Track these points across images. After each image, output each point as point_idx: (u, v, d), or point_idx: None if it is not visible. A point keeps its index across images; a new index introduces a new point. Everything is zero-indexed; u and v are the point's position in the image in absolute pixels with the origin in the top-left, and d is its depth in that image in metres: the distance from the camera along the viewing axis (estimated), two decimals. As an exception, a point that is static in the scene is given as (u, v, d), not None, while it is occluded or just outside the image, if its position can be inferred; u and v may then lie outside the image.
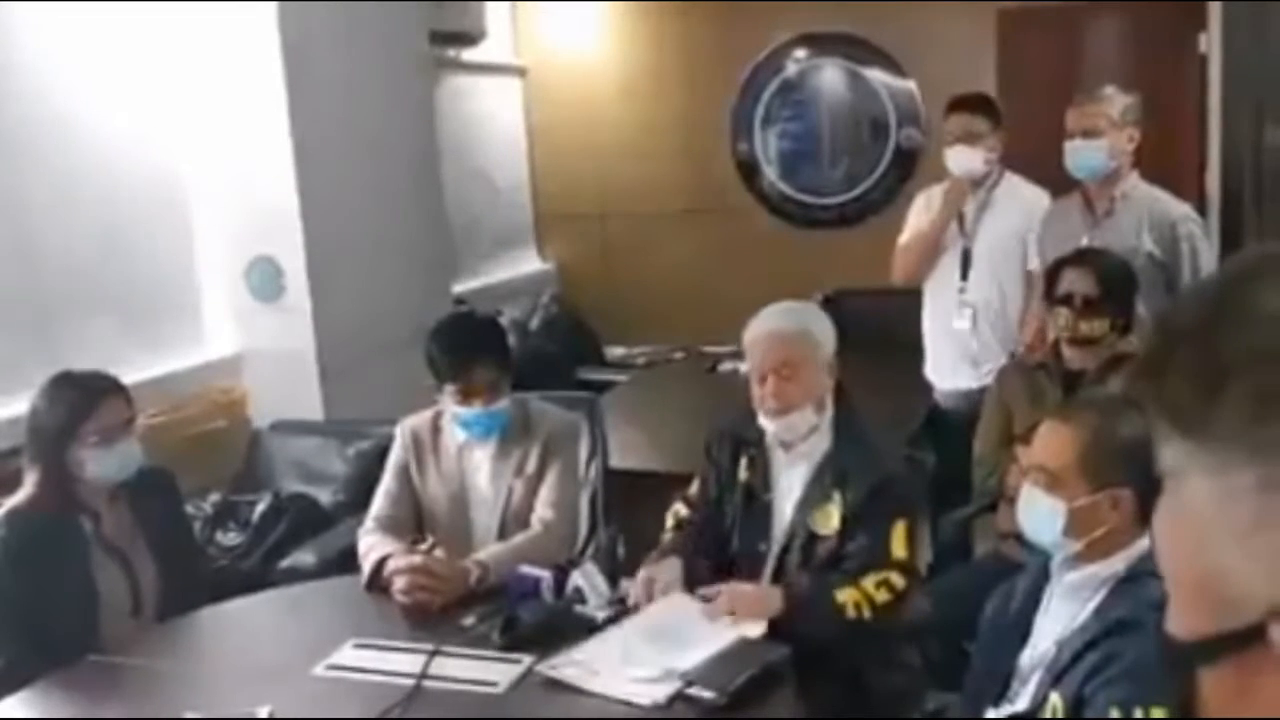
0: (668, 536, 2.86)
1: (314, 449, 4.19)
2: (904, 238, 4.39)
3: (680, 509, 2.91)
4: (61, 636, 2.62)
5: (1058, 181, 4.01)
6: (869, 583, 2.56)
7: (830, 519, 2.67)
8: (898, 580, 2.58)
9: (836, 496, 2.66)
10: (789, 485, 2.75)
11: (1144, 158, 3.76)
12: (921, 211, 4.38)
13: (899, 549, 2.60)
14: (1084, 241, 3.61)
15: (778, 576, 2.73)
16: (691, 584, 2.68)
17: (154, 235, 4.27)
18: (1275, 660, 0.44)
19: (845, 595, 2.54)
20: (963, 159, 4.11)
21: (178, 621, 2.79)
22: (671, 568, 2.70)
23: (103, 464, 2.77)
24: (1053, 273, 3.40)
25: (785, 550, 2.73)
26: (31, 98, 3.80)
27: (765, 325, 2.76)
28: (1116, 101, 3.66)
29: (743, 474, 2.81)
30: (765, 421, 2.74)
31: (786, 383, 2.67)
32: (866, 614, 2.54)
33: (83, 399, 2.78)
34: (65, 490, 2.77)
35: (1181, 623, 0.48)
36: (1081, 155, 3.67)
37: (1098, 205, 3.71)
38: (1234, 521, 0.45)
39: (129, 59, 4.17)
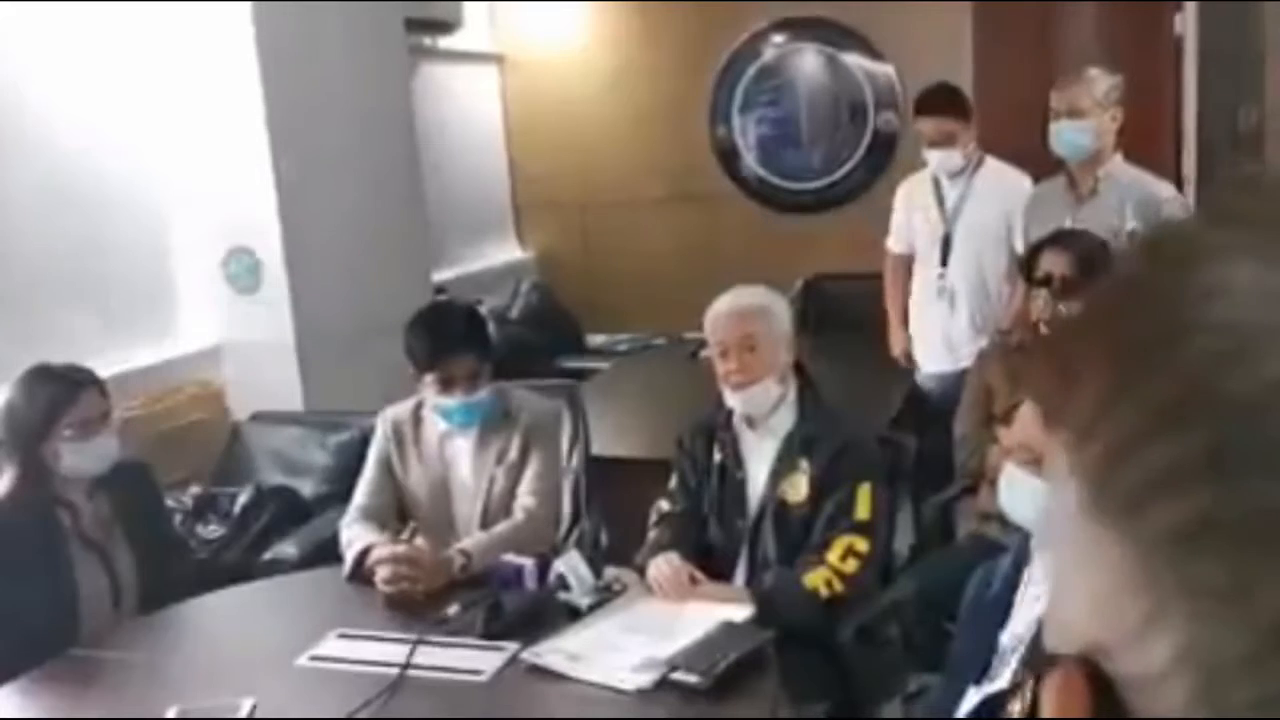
0: (653, 534, 2.88)
1: (295, 440, 4.17)
2: (890, 240, 4.45)
3: (663, 504, 2.94)
4: (42, 631, 2.61)
5: (1036, 164, 4.03)
6: (834, 555, 2.65)
7: (799, 487, 2.75)
8: (861, 545, 2.67)
9: (804, 464, 2.75)
10: (759, 460, 2.84)
11: (1121, 139, 3.77)
12: (902, 205, 4.42)
13: (862, 511, 2.70)
14: (1067, 222, 3.63)
15: (754, 550, 2.81)
16: None
17: (130, 228, 4.24)
18: (1051, 702, 0.40)
19: (814, 578, 2.63)
20: (942, 160, 4.15)
21: (159, 615, 2.78)
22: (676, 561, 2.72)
23: (79, 457, 2.76)
24: (1032, 254, 3.42)
25: (759, 522, 2.80)
26: (6, 92, 3.77)
27: (724, 304, 2.86)
28: (1100, 82, 3.68)
29: (716, 457, 2.88)
30: (730, 397, 2.82)
31: (749, 354, 2.77)
32: (839, 588, 2.63)
33: (60, 392, 2.76)
34: (42, 484, 2.75)
35: (1046, 619, 0.44)
36: (1066, 135, 3.68)
37: (1081, 185, 3.72)
38: (1064, 536, 0.40)
39: (104, 55, 4.14)
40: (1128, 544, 0.37)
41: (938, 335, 4.28)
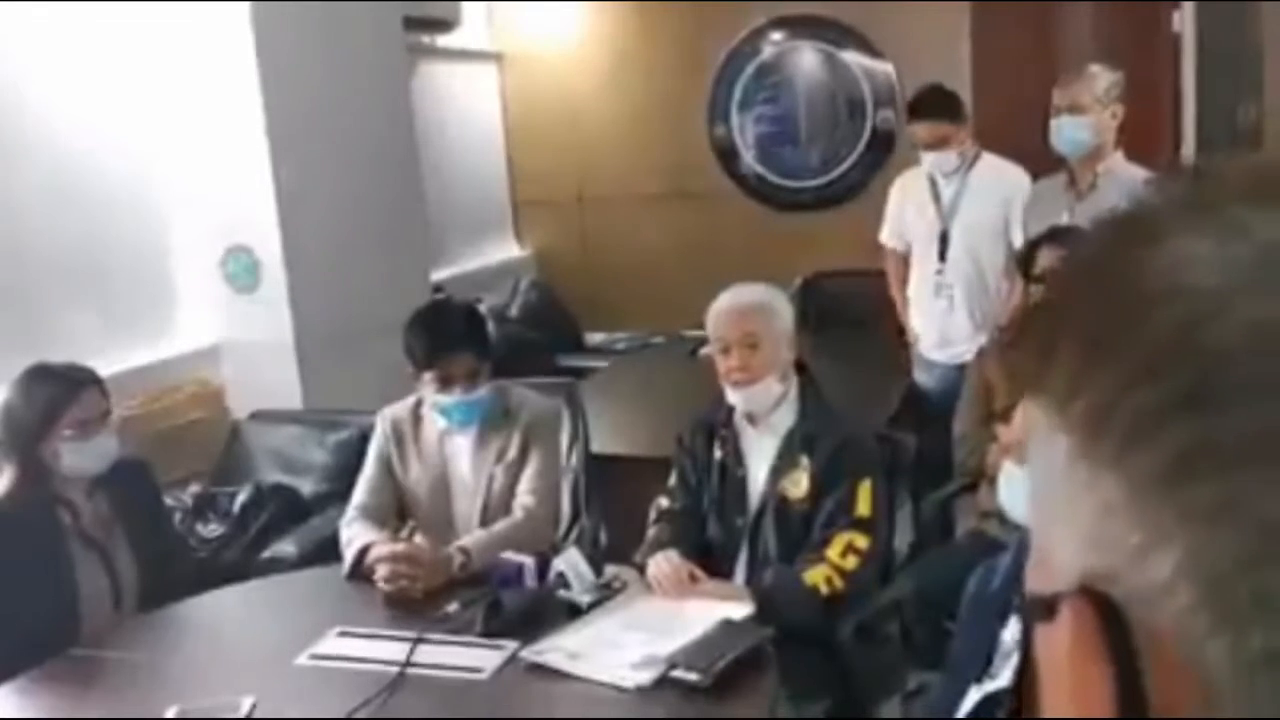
0: (652, 531, 2.88)
1: (294, 439, 4.17)
2: (884, 234, 4.46)
3: (662, 501, 2.94)
4: (42, 630, 2.61)
5: (1035, 162, 4.03)
6: (834, 552, 2.65)
7: (800, 484, 2.75)
8: (861, 541, 2.67)
9: (804, 461, 2.75)
10: (760, 458, 2.84)
11: (1122, 136, 3.78)
12: (896, 200, 4.43)
13: (863, 507, 2.70)
14: (1065, 218, 3.65)
15: (754, 547, 2.81)
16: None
17: (129, 227, 4.24)
18: (1061, 638, 0.43)
19: (815, 575, 2.63)
20: (937, 162, 4.16)
21: (159, 613, 2.78)
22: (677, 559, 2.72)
23: (79, 457, 2.75)
24: (1029, 251, 3.45)
25: (759, 519, 2.80)
26: (6, 93, 3.76)
27: (726, 301, 2.87)
28: (1101, 79, 3.71)
29: (716, 454, 2.88)
30: (732, 394, 2.82)
31: (750, 353, 2.77)
32: (839, 585, 2.63)
33: (60, 391, 2.76)
34: (42, 483, 2.75)
35: (1028, 575, 0.48)
36: (1066, 131, 3.71)
37: (1081, 181, 3.75)
38: (1052, 486, 0.44)
39: (103, 54, 4.13)
40: (1122, 481, 0.41)
41: (936, 332, 4.29)
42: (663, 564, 2.67)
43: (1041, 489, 0.46)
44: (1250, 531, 0.38)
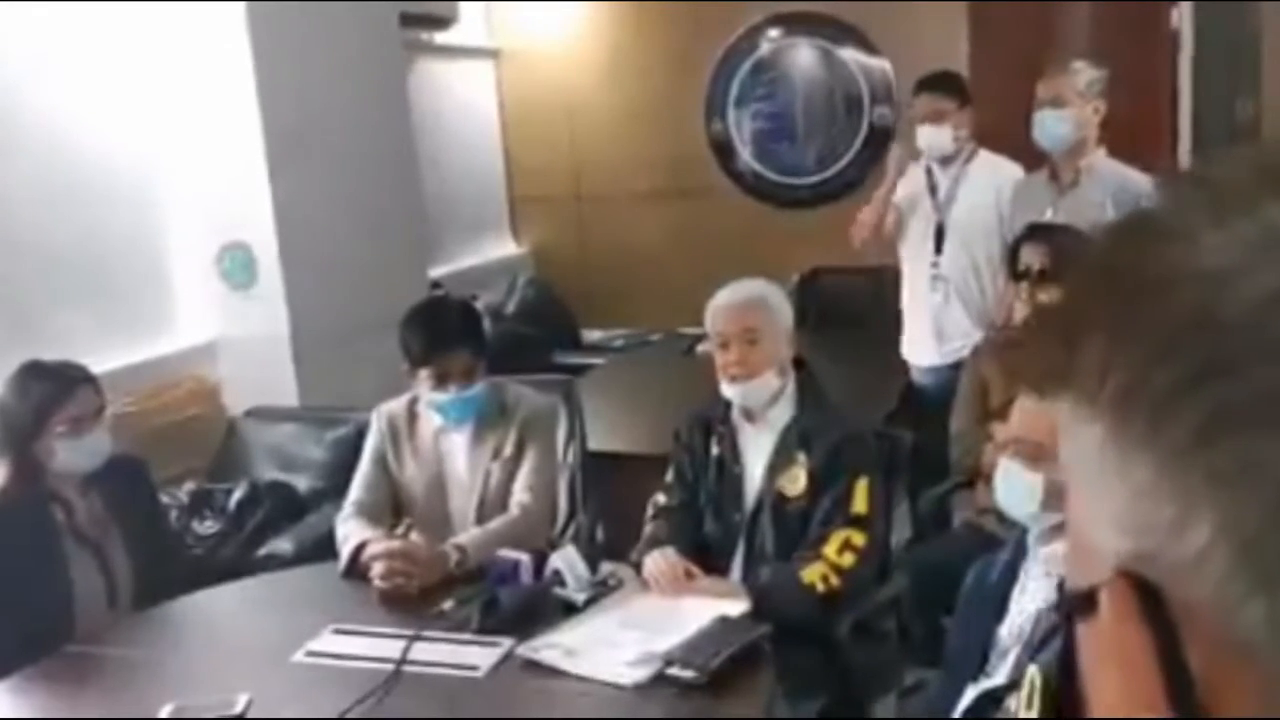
0: (649, 528, 2.88)
1: (290, 436, 4.16)
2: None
3: (660, 498, 2.94)
4: (37, 628, 2.60)
5: (1031, 160, 4.03)
6: (831, 549, 2.65)
7: (797, 481, 2.75)
8: (858, 538, 2.67)
9: (802, 458, 2.75)
10: (757, 454, 2.83)
11: (1117, 132, 3.79)
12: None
13: (860, 504, 2.70)
14: (1049, 213, 3.67)
15: (750, 544, 2.80)
16: None
17: (125, 224, 4.23)
18: (1103, 625, 0.45)
19: (811, 573, 2.62)
20: (932, 137, 4.13)
21: (155, 611, 2.77)
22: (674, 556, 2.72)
23: (72, 454, 2.75)
24: (1013, 249, 3.47)
25: (756, 516, 2.79)
26: (4, 92, 3.75)
27: (725, 297, 2.87)
28: (1083, 74, 3.74)
29: (714, 450, 2.87)
30: (729, 389, 2.81)
31: (749, 348, 2.77)
32: (835, 583, 2.62)
33: (55, 389, 2.75)
34: (36, 481, 2.74)
35: (1066, 575, 0.50)
36: (1048, 124, 3.75)
37: (1063, 176, 3.78)
38: (1086, 479, 0.46)
39: (99, 52, 4.12)
40: (1151, 460, 0.42)
41: (931, 326, 4.27)
42: (659, 561, 2.66)
43: (1075, 484, 0.47)
44: (1274, 490, 0.40)
